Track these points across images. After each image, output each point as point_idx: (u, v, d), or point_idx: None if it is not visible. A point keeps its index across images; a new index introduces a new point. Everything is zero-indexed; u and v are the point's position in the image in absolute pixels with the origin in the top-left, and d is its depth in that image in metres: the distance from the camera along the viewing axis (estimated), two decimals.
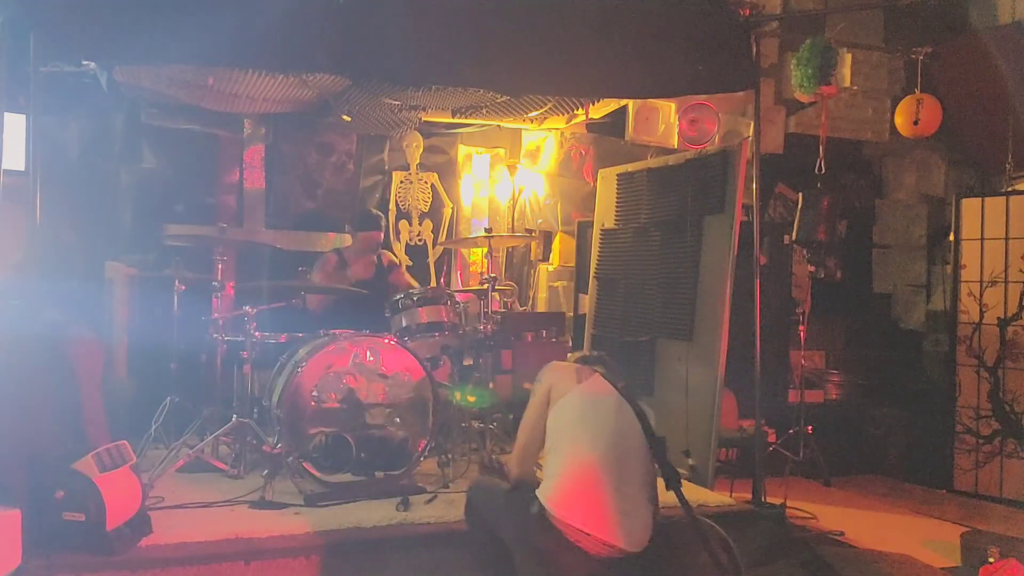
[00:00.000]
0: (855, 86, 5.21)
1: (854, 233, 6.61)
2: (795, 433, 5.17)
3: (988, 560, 3.19)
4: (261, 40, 3.56)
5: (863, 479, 5.15)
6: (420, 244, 6.43)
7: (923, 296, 6.63)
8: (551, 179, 6.59)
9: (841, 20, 5.39)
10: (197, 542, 3.15)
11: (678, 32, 4.15)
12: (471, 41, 3.84)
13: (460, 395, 4.44)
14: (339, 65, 3.86)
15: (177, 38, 3.39)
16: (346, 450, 3.84)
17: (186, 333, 4.55)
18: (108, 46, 3.48)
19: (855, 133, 6.14)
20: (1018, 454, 4.68)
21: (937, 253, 6.58)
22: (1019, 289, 4.77)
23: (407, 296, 4.47)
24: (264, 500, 3.62)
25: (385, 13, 3.72)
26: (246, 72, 4.57)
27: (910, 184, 6.70)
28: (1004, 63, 5.15)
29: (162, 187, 5.61)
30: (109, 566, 2.94)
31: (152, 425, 4.32)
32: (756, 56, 4.31)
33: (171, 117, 5.47)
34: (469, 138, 6.48)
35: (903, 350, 6.53)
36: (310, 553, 3.19)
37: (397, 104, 5.20)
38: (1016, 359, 4.75)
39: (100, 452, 3.11)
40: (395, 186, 6.36)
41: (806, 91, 4.59)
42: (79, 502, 2.96)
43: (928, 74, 5.14)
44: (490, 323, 4.59)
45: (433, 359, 4.53)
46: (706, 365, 4.34)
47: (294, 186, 6.04)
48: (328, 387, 3.88)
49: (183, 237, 4.92)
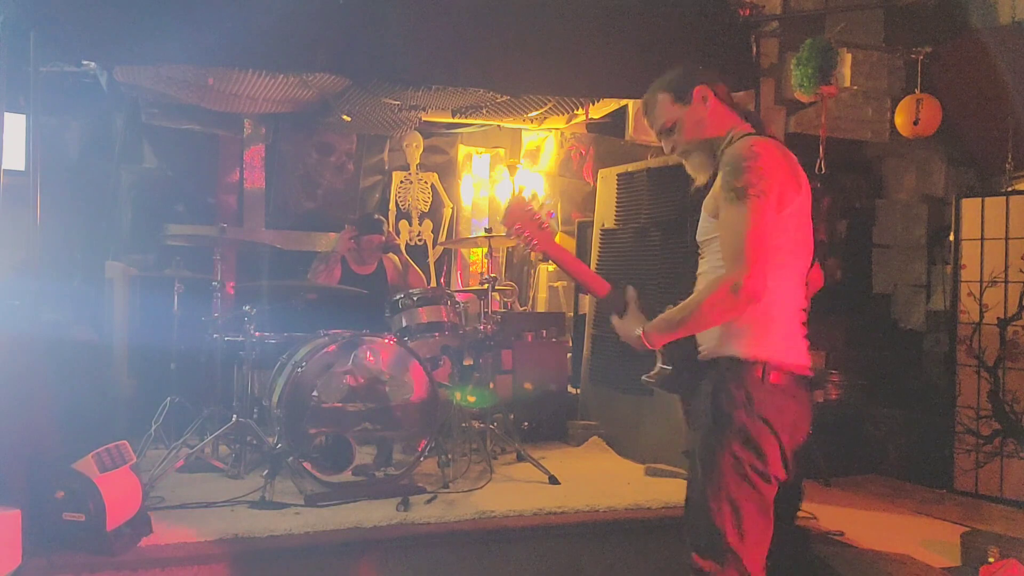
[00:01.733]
0: (855, 86, 5.19)
1: (854, 233, 6.60)
2: None
3: (988, 560, 3.19)
4: (261, 40, 3.57)
5: (863, 479, 5.14)
6: (420, 244, 6.43)
7: (923, 296, 6.62)
8: (551, 179, 6.59)
9: (841, 20, 5.38)
10: (197, 542, 3.15)
11: (678, 32, 4.15)
12: (471, 41, 3.84)
13: (460, 395, 4.44)
14: (339, 65, 3.87)
15: (177, 38, 3.40)
16: (346, 450, 3.85)
17: (186, 333, 4.55)
18: (108, 46, 3.48)
19: (855, 133, 6.13)
20: (1018, 454, 4.67)
21: (937, 253, 6.57)
22: (1019, 289, 4.76)
23: (407, 296, 4.47)
24: (264, 500, 3.62)
25: (385, 13, 3.73)
26: (246, 72, 4.57)
27: (910, 184, 6.69)
28: (1004, 63, 5.14)
29: (162, 187, 5.62)
30: (109, 566, 2.94)
31: (152, 425, 4.32)
32: (756, 56, 4.32)
33: (171, 117, 5.47)
34: (469, 138, 6.49)
35: (903, 350, 6.52)
36: (309, 553, 3.19)
37: (397, 104, 5.20)
38: (1016, 359, 4.74)
39: (100, 452, 3.11)
40: (395, 186, 6.36)
41: (806, 91, 4.59)
42: (79, 502, 2.96)
43: (928, 74, 5.14)
44: (490, 323, 4.59)
45: (433, 359, 4.52)
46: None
47: (294, 186, 6.05)
48: (328, 387, 3.88)
49: (183, 237, 4.92)
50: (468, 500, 3.81)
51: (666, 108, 2.31)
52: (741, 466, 2.07)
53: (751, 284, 2.00)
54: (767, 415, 2.09)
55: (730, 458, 2.07)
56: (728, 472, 2.07)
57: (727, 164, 2.11)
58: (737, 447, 2.07)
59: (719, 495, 2.07)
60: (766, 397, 2.10)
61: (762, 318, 2.12)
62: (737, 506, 2.07)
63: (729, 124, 2.28)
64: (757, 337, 2.13)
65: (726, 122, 2.29)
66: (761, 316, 2.12)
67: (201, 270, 4.55)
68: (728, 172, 2.09)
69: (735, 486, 2.07)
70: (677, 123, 2.30)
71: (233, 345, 4.29)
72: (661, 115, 2.33)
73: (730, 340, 2.15)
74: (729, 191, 2.07)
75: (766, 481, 2.09)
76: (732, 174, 2.08)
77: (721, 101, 2.30)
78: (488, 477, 4.18)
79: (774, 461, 2.10)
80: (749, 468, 2.07)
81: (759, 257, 2.01)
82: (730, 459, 2.07)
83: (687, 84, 2.29)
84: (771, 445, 2.09)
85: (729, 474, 2.07)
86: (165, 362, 4.57)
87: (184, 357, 4.58)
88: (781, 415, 2.11)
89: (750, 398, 2.09)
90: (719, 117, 2.29)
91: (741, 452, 2.07)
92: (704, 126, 2.28)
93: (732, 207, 2.05)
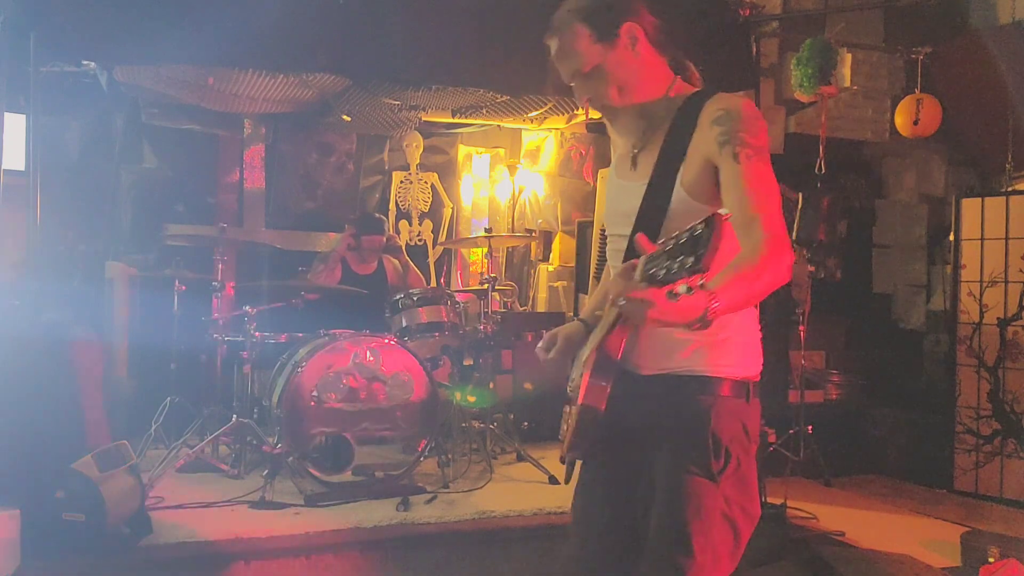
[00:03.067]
0: (855, 86, 5.19)
1: (854, 233, 6.60)
2: (795, 433, 5.16)
3: (988, 560, 3.19)
4: (261, 40, 3.56)
5: (863, 479, 5.14)
6: (420, 244, 6.43)
7: (923, 296, 6.62)
8: (551, 179, 6.59)
9: (841, 20, 5.38)
10: (197, 542, 3.15)
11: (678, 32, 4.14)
12: (471, 41, 3.84)
13: (460, 395, 4.44)
14: (339, 65, 3.87)
15: (177, 38, 3.40)
16: (346, 450, 3.85)
17: (186, 333, 4.55)
18: (108, 46, 3.48)
19: (855, 133, 6.14)
20: (1018, 454, 4.67)
21: (937, 253, 6.58)
22: (1019, 289, 4.76)
23: (407, 296, 4.47)
24: (264, 500, 3.62)
25: (385, 13, 3.73)
26: (246, 72, 4.57)
27: (910, 184, 6.69)
28: (1004, 63, 5.14)
29: (162, 187, 5.62)
30: (109, 566, 2.95)
31: (152, 425, 4.32)
32: (756, 56, 4.32)
33: (171, 117, 5.47)
34: (469, 138, 6.49)
35: (903, 350, 6.52)
36: (310, 553, 3.19)
37: (397, 104, 5.20)
38: (1016, 359, 4.74)
39: (100, 452, 3.11)
40: (395, 186, 6.36)
41: (806, 91, 4.59)
42: (79, 502, 2.96)
43: (928, 74, 5.14)
44: (490, 323, 4.59)
45: (433, 359, 4.52)
46: None
47: (294, 186, 6.05)
48: (328, 387, 3.88)
49: (183, 237, 4.92)
50: (468, 500, 3.81)
51: (583, 45, 1.73)
52: (733, 510, 1.68)
53: (792, 257, 1.58)
54: (756, 438, 1.75)
55: (722, 502, 1.67)
56: (718, 520, 1.67)
57: (727, 119, 1.65)
58: (732, 488, 1.68)
59: (703, 545, 1.65)
60: (756, 423, 1.76)
61: (750, 325, 1.78)
62: (718, 557, 1.67)
63: (666, 79, 1.80)
64: (744, 349, 1.76)
65: (661, 76, 1.80)
66: (749, 322, 1.77)
67: (201, 270, 4.55)
68: (734, 126, 1.64)
69: (722, 536, 1.67)
70: (597, 68, 1.74)
71: (233, 345, 4.29)
72: (575, 54, 1.75)
73: (711, 352, 1.71)
74: (741, 145, 1.62)
75: (751, 523, 1.73)
76: (744, 128, 1.63)
77: (656, 47, 1.79)
78: (488, 477, 4.18)
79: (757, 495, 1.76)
80: (740, 511, 1.69)
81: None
82: (722, 504, 1.67)
83: (612, 19, 1.74)
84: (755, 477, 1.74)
85: (718, 522, 1.67)
86: (165, 362, 4.57)
87: (184, 357, 4.58)
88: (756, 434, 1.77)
89: (747, 430, 1.72)
90: (653, 68, 1.78)
91: (735, 494, 1.69)
92: (633, 76, 1.76)
93: (750, 163, 1.62)
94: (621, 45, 1.74)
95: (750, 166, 1.62)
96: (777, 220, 1.59)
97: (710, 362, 1.70)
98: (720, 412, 1.69)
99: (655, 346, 1.72)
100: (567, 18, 1.76)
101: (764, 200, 1.61)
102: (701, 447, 1.67)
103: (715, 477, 1.67)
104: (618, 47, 1.74)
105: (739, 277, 1.50)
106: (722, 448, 1.68)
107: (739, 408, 1.72)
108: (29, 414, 3.05)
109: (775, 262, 1.54)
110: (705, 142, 1.66)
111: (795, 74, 4.58)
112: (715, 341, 1.69)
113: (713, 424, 1.68)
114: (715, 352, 1.71)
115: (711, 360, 1.70)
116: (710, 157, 1.66)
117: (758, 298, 1.60)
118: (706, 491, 1.66)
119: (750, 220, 1.58)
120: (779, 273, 1.56)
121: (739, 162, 1.62)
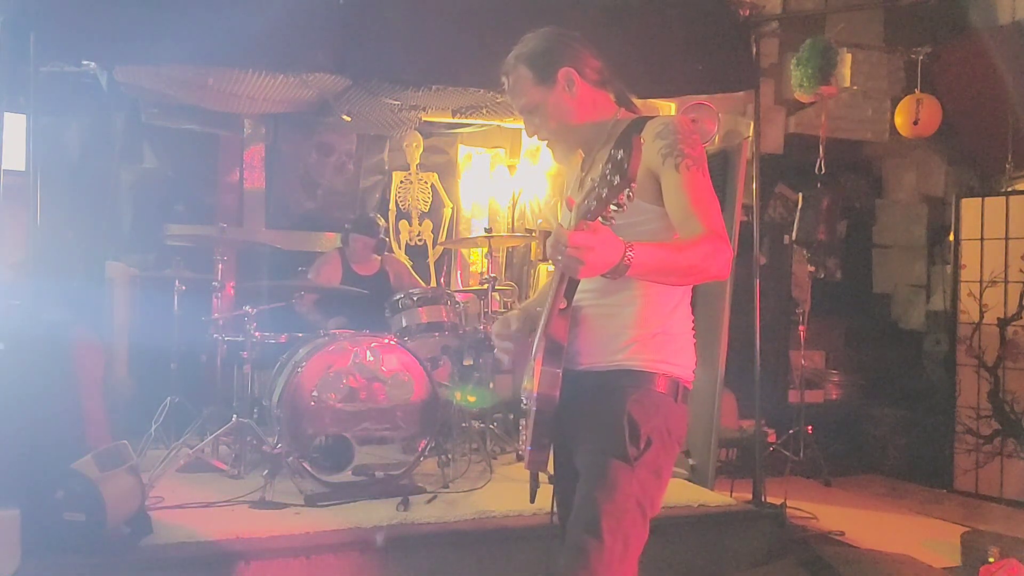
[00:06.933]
0: (855, 86, 5.20)
1: (854, 233, 6.61)
2: (795, 433, 5.17)
3: (988, 560, 3.19)
4: (261, 40, 3.56)
5: (863, 479, 5.15)
6: (420, 244, 6.43)
7: (923, 296, 6.63)
8: (551, 179, 6.59)
9: (841, 20, 5.39)
10: (197, 542, 3.15)
11: (678, 32, 4.15)
12: (471, 41, 3.83)
13: (460, 395, 4.44)
14: (339, 65, 3.86)
15: (177, 38, 3.39)
16: (346, 450, 3.85)
17: (186, 333, 4.55)
18: (108, 46, 3.48)
19: (855, 133, 6.14)
20: (1018, 454, 4.68)
21: (937, 253, 6.58)
22: (1019, 289, 4.77)
23: (407, 296, 4.47)
24: (264, 500, 3.62)
25: (385, 13, 3.73)
26: (246, 72, 4.57)
27: (910, 184, 6.69)
28: (1004, 63, 5.15)
29: (162, 187, 5.62)
30: (109, 566, 2.95)
31: (152, 425, 4.32)
32: (756, 56, 4.31)
33: (171, 117, 5.47)
34: (469, 138, 6.48)
35: (903, 350, 6.53)
36: (310, 553, 3.19)
37: (397, 104, 5.20)
38: (1016, 359, 4.75)
39: (100, 452, 3.11)
40: (395, 186, 6.36)
41: (806, 91, 4.59)
42: (79, 502, 2.95)
43: (928, 74, 5.14)
44: (490, 323, 4.59)
45: (433, 359, 4.52)
46: (706, 365, 4.33)
47: (294, 186, 6.04)
48: (328, 387, 3.88)
49: (183, 237, 4.92)
50: (468, 500, 3.81)
51: (526, 87, 1.94)
52: (645, 500, 1.75)
53: (730, 253, 1.70)
54: (679, 442, 1.85)
55: (637, 488, 1.74)
56: (632, 506, 1.73)
57: (668, 133, 1.78)
58: (648, 478, 1.76)
59: (613, 529, 1.70)
60: (680, 427, 1.84)
61: (683, 326, 1.87)
62: (628, 544, 1.73)
63: (607, 111, 1.97)
64: (677, 348, 1.85)
65: (600, 108, 1.96)
66: (683, 323, 1.87)
67: (201, 270, 4.55)
68: (675, 139, 1.77)
69: (632, 523, 1.74)
70: (538, 106, 1.94)
71: (233, 345, 4.29)
72: (521, 93, 1.96)
73: (645, 348, 1.81)
74: (681, 156, 1.75)
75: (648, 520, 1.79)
76: (683, 141, 1.77)
77: (592, 85, 1.95)
78: (488, 477, 4.18)
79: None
80: (649, 504, 1.77)
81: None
82: (637, 489, 1.74)
83: (550, 64, 1.93)
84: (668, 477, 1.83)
85: (632, 509, 1.73)
86: (165, 362, 4.57)
87: (184, 357, 4.58)
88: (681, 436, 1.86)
89: (669, 428, 1.80)
90: (588, 103, 1.94)
91: (650, 485, 1.77)
92: (570, 113, 1.93)
93: (689, 173, 1.74)
94: (559, 87, 1.92)
95: (689, 176, 1.75)
96: (716, 219, 1.72)
97: (643, 357, 1.81)
98: (643, 401, 1.78)
99: (592, 341, 1.84)
100: (514, 61, 1.98)
101: (704, 203, 1.73)
102: (620, 430, 1.75)
103: (631, 461, 1.74)
104: (556, 89, 1.92)
105: (663, 245, 1.66)
106: (640, 434, 1.76)
107: (665, 404, 1.81)
108: (29, 414, 3.05)
109: (705, 248, 1.65)
110: (648, 153, 1.77)
111: (795, 74, 4.58)
112: (648, 335, 1.81)
113: (634, 410, 1.77)
114: (649, 348, 1.81)
115: (644, 356, 1.81)
116: (652, 168, 1.78)
117: (680, 275, 1.71)
118: (621, 474, 1.74)
119: (689, 217, 1.72)
120: (709, 261, 1.66)
121: (679, 171, 1.75)
